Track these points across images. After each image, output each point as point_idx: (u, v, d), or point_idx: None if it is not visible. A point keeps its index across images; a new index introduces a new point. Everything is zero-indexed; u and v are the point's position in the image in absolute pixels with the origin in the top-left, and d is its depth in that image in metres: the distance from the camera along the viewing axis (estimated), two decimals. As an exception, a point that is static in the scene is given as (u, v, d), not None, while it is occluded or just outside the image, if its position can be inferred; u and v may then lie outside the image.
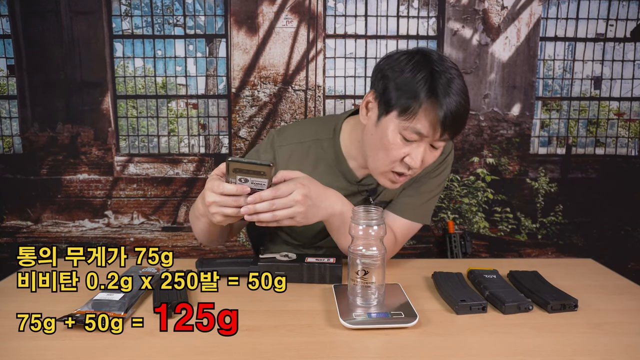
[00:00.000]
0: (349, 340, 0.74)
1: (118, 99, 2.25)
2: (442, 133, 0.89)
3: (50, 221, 2.31)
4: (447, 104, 0.86)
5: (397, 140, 0.91)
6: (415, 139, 0.90)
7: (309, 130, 1.11)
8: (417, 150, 0.91)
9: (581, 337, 0.76)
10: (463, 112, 0.88)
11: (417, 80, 0.87)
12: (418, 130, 0.89)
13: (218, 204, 0.84)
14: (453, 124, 0.88)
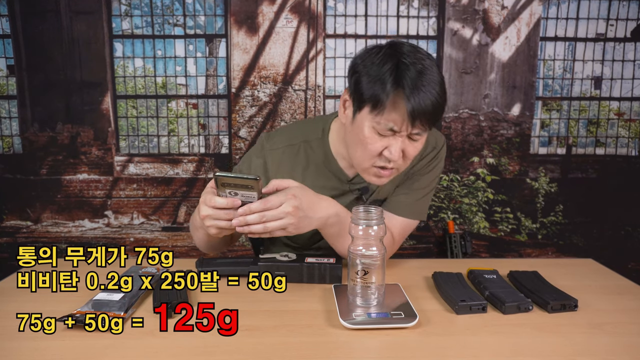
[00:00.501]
0: (349, 341, 0.74)
1: (118, 99, 2.25)
2: (413, 126, 0.87)
3: (50, 221, 2.31)
4: (415, 97, 0.84)
5: (373, 135, 0.90)
6: (389, 134, 0.90)
7: (298, 133, 1.10)
8: (395, 143, 0.90)
9: (581, 337, 0.76)
10: (435, 103, 0.86)
11: (383, 73, 0.86)
12: (389, 126, 0.88)
13: (211, 217, 0.85)
14: (423, 116, 0.86)
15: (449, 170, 2.33)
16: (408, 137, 0.91)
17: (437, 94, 0.86)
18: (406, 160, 0.95)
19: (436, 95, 0.86)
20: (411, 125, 0.88)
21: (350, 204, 1.08)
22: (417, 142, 0.93)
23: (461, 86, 2.27)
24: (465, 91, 2.28)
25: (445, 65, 2.26)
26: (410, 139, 0.92)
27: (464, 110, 2.29)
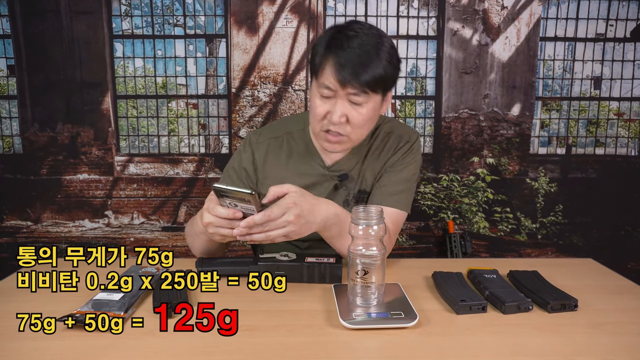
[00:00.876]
0: (349, 341, 0.74)
1: (118, 99, 2.25)
2: (344, 83, 0.93)
3: (50, 221, 2.31)
4: (341, 56, 0.92)
5: (317, 100, 0.99)
6: (328, 95, 0.97)
7: (281, 126, 1.19)
8: (335, 106, 0.97)
9: (581, 337, 0.76)
10: (364, 63, 0.92)
11: (321, 41, 0.98)
12: (325, 85, 0.96)
13: (214, 225, 0.88)
14: (353, 74, 0.92)
15: (449, 170, 2.33)
16: (349, 102, 0.97)
17: (367, 55, 0.93)
18: (354, 127, 1.00)
19: (364, 56, 0.93)
20: (341, 85, 0.94)
21: (331, 190, 1.14)
22: (361, 107, 0.98)
23: (461, 86, 2.27)
24: (465, 91, 2.28)
25: (445, 65, 2.26)
26: (352, 103, 0.97)
27: (464, 110, 2.29)
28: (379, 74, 0.94)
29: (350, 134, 1.01)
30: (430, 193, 2.34)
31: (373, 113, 1.01)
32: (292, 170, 1.12)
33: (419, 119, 2.31)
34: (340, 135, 1.00)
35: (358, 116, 0.98)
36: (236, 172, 1.18)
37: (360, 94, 0.96)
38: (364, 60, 0.93)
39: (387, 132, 1.15)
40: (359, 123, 0.99)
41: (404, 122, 2.31)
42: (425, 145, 2.33)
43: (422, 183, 2.33)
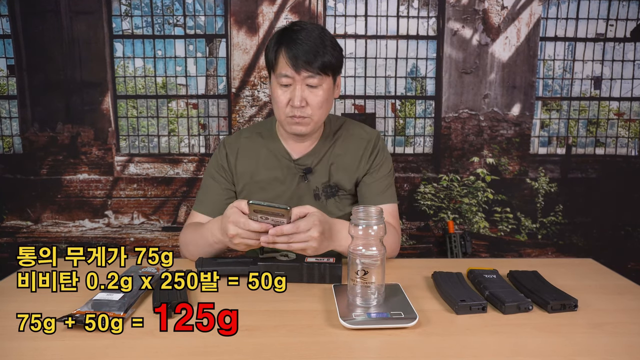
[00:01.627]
0: (349, 341, 0.74)
1: (118, 99, 2.25)
2: (298, 69, 1.06)
3: (50, 221, 2.31)
4: (291, 46, 1.06)
5: (278, 91, 1.11)
6: (287, 82, 1.09)
7: (252, 129, 1.31)
8: (295, 92, 1.09)
9: (581, 337, 0.76)
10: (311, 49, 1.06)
11: (271, 41, 1.12)
12: (282, 73, 1.08)
13: (241, 236, 0.93)
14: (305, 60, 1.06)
15: (449, 170, 2.33)
16: (306, 86, 1.09)
17: (313, 43, 1.07)
18: (314, 108, 1.11)
19: (312, 44, 1.06)
20: (296, 71, 1.07)
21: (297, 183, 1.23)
22: (317, 90, 1.10)
23: (461, 86, 2.27)
24: (465, 91, 2.28)
25: (445, 65, 2.26)
26: (309, 87, 1.10)
27: (464, 110, 2.29)
28: (327, 57, 1.08)
29: (311, 115, 1.12)
30: (430, 193, 2.34)
31: (328, 95, 1.13)
32: (262, 164, 1.23)
33: (419, 119, 2.31)
34: (303, 117, 1.12)
35: (315, 98, 1.11)
36: (217, 171, 1.28)
37: (315, 76, 1.08)
38: (311, 48, 1.07)
39: (350, 133, 1.26)
40: (318, 104, 1.12)
41: (404, 122, 2.31)
42: (425, 145, 2.33)
43: (422, 183, 2.33)
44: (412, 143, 2.32)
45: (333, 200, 1.24)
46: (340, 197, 1.25)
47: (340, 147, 1.24)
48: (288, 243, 0.93)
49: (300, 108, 1.10)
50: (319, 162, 1.23)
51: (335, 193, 1.24)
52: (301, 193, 1.23)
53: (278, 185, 1.24)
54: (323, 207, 1.24)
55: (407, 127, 2.31)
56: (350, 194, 1.26)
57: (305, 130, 1.15)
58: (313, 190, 1.23)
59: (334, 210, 1.24)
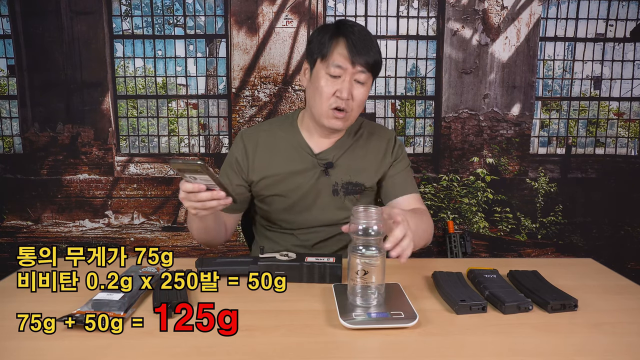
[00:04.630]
0: (349, 340, 0.74)
1: (118, 99, 2.25)
2: (353, 62, 1.07)
3: (50, 221, 2.31)
4: (350, 37, 1.07)
5: (326, 80, 1.10)
6: (337, 73, 1.09)
7: (272, 122, 1.31)
8: (343, 84, 1.09)
9: (581, 337, 0.76)
10: (370, 47, 1.08)
11: (326, 32, 1.11)
12: (336, 64, 1.08)
13: (187, 199, 0.93)
14: (361, 52, 1.07)
15: (449, 170, 2.33)
16: (354, 81, 1.10)
17: (370, 40, 1.09)
18: (357, 104, 1.12)
19: (368, 41, 1.09)
20: (351, 63, 1.07)
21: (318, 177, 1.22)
22: (362, 86, 1.12)
23: (461, 86, 2.27)
24: (465, 91, 2.28)
25: (445, 65, 2.26)
26: (356, 82, 1.11)
27: (464, 110, 2.29)
28: (379, 57, 1.11)
29: (352, 110, 1.13)
30: (430, 193, 2.34)
31: (367, 94, 1.15)
32: (282, 158, 1.22)
33: (419, 119, 2.31)
34: (345, 112, 1.12)
35: (359, 94, 1.12)
36: (230, 165, 1.27)
37: (365, 72, 1.09)
38: (368, 44, 1.08)
39: (370, 133, 1.28)
40: (361, 101, 1.13)
41: (404, 122, 2.31)
42: (425, 145, 2.33)
43: (422, 183, 2.33)
44: (412, 143, 2.32)
45: (353, 197, 1.23)
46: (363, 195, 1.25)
47: (363, 146, 1.25)
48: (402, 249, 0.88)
49: (346, 100, 1.10)
50: (340, 157, 1.23)
51: (358, 191, 1.24)
52: (320, 187, 1.22)
53: (297, 178, 1.22)
54: (340, 202, 1.23)
55: (407, 127, 2.31)
56: (372, 191, 1.26)
57: (343, 125, 1.15)
58: (332, 185, 1.23)
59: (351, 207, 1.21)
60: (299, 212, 1.24)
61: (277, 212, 1.27)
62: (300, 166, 1.21)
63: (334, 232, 1.26)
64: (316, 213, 1.24)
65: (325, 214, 1.24)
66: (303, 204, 1.23)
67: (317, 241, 1.27)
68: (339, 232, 1.27)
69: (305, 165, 1.21)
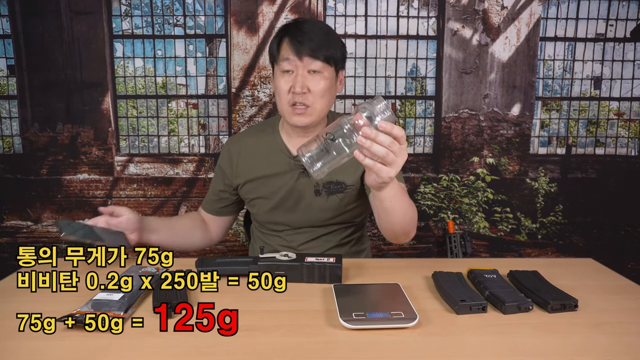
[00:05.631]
0: (348, 341, 0.74)
1: (118, 99, 2.25)
2: (299, 53, 1.09)
3: (50, 221, 2.31)
4: (294, 31, 1.10)
5: (280, 80, 1.13)
6: (288, 67, 1.11)
7: (255, 127, 1.35)
8: (296, 78, 1.10)
9: (581, 337, 0.76)
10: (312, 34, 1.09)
11: (276, 33, 1.16)
12: (284, 57, 1.11)
13: None
14: (304, 42, 1.08)
15: (449, 170, 2.33)
16: (308, 73, 1.11)
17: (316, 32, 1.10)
18: (315, 97, 1.12)
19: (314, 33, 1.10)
20: (297, 55, 1.09)
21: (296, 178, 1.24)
22: (319, 76, 1.11)
23: (461, 86, 2.27)
24: (465, 91, 2.28)
25: (445, 65, 2.26)
26: (311, 73, 1.11)
27: (464, 110, 2.29)
28: (330, 47, 1.11)
29: (313, 103, 1.12)
30: (430, 193, 2.34)
31: (330, 84, 1.14)
32: (263, 161, 1.26)
33: (419, 119, 2.31)
34: (305, 107, 1.12)
35: (317, 85, 1.11)
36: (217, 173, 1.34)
37: (316, 61, 1.10)
38: (313, 36, 1.10)
39: None
40: (319, 92, 1.12)
41: (404, 122, 2.31)
42: (425, 145, 2.33)
43: (422, 183, 2.33)
44: (412, 143, 2.32)
45: (336, 197, 1.24)
46: (346, 193, 1.24)
47: None
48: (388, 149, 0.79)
49: (302, 94, 1.10)
50: None
51: (340, 190, 1.24)
52: (301, 188, 1.24)
53: (276, 181, 1.25)
54: (324, 202, 1.24)
55: (407, 127, 2.31)
56: (357, 188, 1.25)
57: (307, 121, 1.14)
58: (314, 186, 1.24)
59: (335, 207, 1.24)
60: (282, 214, 1.27)
61: (262, 214, 1.31)
62: (279, 168, 1.24)
63: (319, 232, 1.28)
64: (300, 214, 1.26)
65: (309, 215, 1.26)
66: (286, 206, 1.26)
67: (302, 242, 1.29)
68: (325, 233, 1.29)
69: (283, 167, 1.24)
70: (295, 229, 1.29)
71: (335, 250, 1.29)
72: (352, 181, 1.23)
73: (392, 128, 0.78)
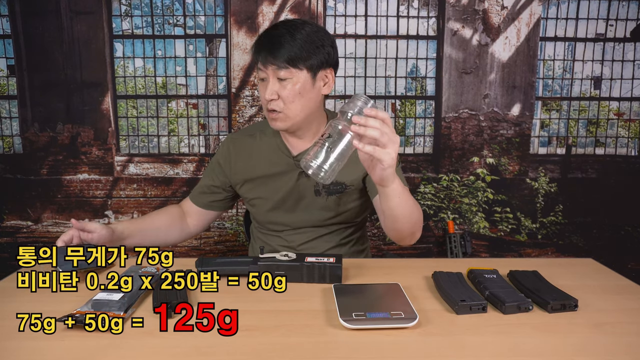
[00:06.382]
0: (348, 341, 0.74)
1: (118, 99, 2.25)
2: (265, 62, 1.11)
3: (50, 221, 2.31)
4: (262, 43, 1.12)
5: (260, 86, 1.17)
6: (263, 76, 1.14)
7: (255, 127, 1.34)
8: (267, 85, 1.13)
9: (581, 337, 0.76)
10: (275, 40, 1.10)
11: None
12: (258, 66, 1.15)
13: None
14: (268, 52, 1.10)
15: (449, 170, 2.33)
16: (278, 80, 1.12)
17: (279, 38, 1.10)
18: (287, 103, 1.13)
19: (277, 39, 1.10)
20: (263, 64, 1.12)
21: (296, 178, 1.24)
22: (287, 83, 1.12)
23: (461, 86, 2.27)
24: (465, 91, 2.28)
25: (445, 65, 2.26)
26: (280, 80, 1.12)
27: (464, 110, 2.29)
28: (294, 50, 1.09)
29: (283, 109, 1.13)
30: (430, 193, 2.34)
31: (302, 89, 1.13)
32: (263, 161, 1.26)
33: (419, 119, 2.31)
34: (276, 112, 1.14)
35: (285, 91, 1.12)
36: (213, 167, 1.33)
37: (281, 69, 1.10)
38: (276, 41, 1.10)
39: None
40: (288, 98, 1.12)
41: (404, 122, 2.31)
42: (425, 145, 2.33)
43: (422, 183, 2.33)
44: (412, 143, 2.32)
45: (336, 197, 1.24)
46: (347, 193, 1.24)
47: None
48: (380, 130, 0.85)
49: (272, 101, 1.13)
50: None
51: (340, 190, 1.24)
52: (301, 188, 1.24)
53: (276, 181, 1.25)
54: (324, 203, 1.24)
55: (407, 127, 2.31)
56: (358, 188, 1.25)
57: (282, 125, 1.16)
58: (314, 186, 1.24)
59: (335, 207, 1.24)
60: (282, 214, 1.27)
61: (262, 214, 1.31)
62: (279, 168, 1.24)
63: (319, 232, 1.28)
64: (300, 214, 1.26)
65: (309, 215, 1.26)
66: (286, 206, 1.26)
67: (302, 242, 1.29)
68: (325, 233, 1.29)
69: (283, 167, 1.24)
70: (295, 229, 1.29)
71: (335, 250, 1.29)
72: (351, 181, 1.24)
73: (376, 112, 0.86)
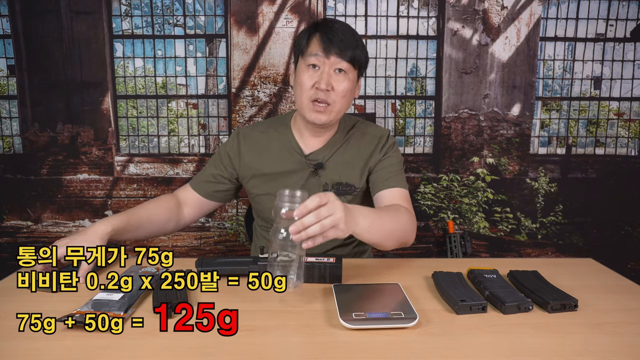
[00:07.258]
0: (348, 340, 0.74)
1: (118, 99, 2.25)
2: (328, 51, 1.09)
3: (50, 221, 2.31)
4: (326, 29, 1.11)
5: (305, 74, 1.12)
6: (315, 62, 1.11)
7: (266, 124, 1.32)
8: (322, 75, 1.10)
9: (581, 337, 0.76)
10: (343, 36, 1.10)
11: (306, 28, 1.16)
12: (313, 53, 1.11)
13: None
14: (334, 41, 1.09)
15: (449, 170, 2.33)
16: (333, 72, 1.11)
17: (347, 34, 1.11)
18: (338, 96, 1.12)
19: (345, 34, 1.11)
20: (325, 53, 1.09)
21: (307, 177, 1.23)
22: (343, 76, 1.12)
23: (461, 86, 2.27)
24: (465, 91, 2.28)
25: (445, 65, 2.26)
26: (336, 73, 1.11)
27: (464, 110, 2.29)
28: (358, 50, 1.12)
29: (334, 102, 1.13)
30: (430, 193, 2.34)
31: (351, 87, 1.14)
32: (273, 158, 1.24)
33: (419, 119, 2.31)
34: (326, 104, 1.12)
35: (340, 84, 1.12)
36: (220, 158, 1.30)
37: (342, 61, 1.10)
38: (344, 37, 1.10)
39: (362, 132, 1.27)
40: (342, 91, 1.12)
41: (404, 122, 2.31)
42: (425, 145, 2.33)
43: (422, 183, 2.33)
44: (412, 143, 2.32)
45: (344, 198, 1.23)
46: (354, 195, 1.24)
47: (353, 146, 1.25)
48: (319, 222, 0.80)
49: (325, 92, 1.11)
50: (330, 157, 1.23)
51: (349, 192, 1.23)
52: (310, 188, 1.23)
53: (286, 179, 1.23)
54: None
55: (407, 127, 2.31)
56: (362, 190, 1.25)
57: (326, 119, 1.14)
58: (322, 186, 1.23)
59: None
60: None
61: (268, 211, 1.27)
62: (290, 167, 1.23)
63: None
64: None
65: None
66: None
67: None
68: None
69: (294, 165, 1.23)
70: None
71: (339, 250, 1.29)
72: (360, 184, 1.24)
73: (305, 207, 0.79)
